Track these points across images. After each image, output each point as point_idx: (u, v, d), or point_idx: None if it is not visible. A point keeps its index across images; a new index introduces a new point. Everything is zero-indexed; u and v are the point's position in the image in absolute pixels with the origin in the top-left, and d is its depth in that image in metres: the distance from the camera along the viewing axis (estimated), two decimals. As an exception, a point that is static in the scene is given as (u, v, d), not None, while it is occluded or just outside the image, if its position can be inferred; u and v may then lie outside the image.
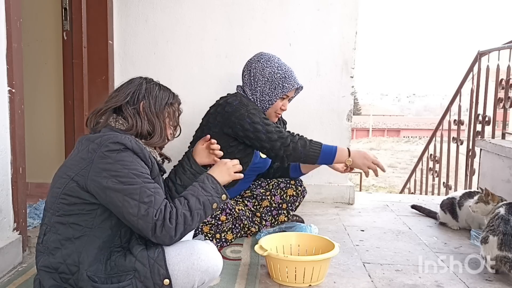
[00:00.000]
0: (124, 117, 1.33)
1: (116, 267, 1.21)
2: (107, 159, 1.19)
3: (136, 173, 1.20)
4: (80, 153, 1.23)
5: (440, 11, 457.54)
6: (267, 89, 2.01)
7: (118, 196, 1.17)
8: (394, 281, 1.67)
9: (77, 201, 1.21)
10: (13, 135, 1.71)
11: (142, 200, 1.18)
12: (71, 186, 1.21)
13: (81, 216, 1.21)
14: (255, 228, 2.07)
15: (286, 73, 2.01)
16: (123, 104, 1.33)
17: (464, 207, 2.22)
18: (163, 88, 1.41)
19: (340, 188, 2.84)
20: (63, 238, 1.21)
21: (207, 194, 1.30)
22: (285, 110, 2.09)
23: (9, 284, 1.57)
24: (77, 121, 2.62)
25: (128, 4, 2.71)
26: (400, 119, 38.01)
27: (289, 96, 2.07)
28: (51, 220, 1.23)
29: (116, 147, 1.20)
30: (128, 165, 1.20)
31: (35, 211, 2.17)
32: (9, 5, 1.67)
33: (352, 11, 2.73)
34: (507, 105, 2.98)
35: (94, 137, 1.24)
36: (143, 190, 1.19)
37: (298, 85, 2.04)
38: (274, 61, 2.03)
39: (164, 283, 1.20)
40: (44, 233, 1.24)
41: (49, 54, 2.66)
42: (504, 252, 1.63)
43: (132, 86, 1.36)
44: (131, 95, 1.34)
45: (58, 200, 1.22)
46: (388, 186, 12.05)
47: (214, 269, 1.29)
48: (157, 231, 1.18)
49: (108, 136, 1.22)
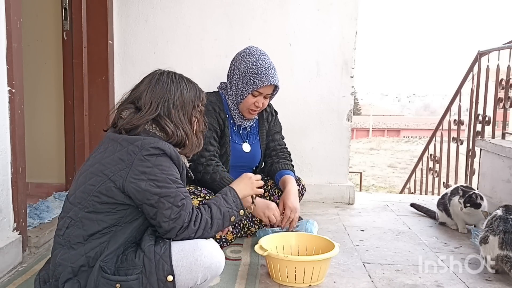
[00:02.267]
0: (162, 127, 1.32)
1: (126, 261, 1.23)
2: (146, 163, 1.22)
3: (172, 178, 1.25)
4: (117, 153, 1.24)
5: (440, 11, 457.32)
6: (240, 83, 2.01)
7: (154, 198, 1.22)
8: (394, 281, 1.67)
9: (110, 200, 1.23)
10: (13, 135, 1.71)
11: (176, 203, 1.23)
12: (107, 186, 1.22)
13: (111, 215, 1.24)
14: (254, 228, 2.07)
15: (260, 69, 1.96)
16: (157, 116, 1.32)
17: (453, 201, 2.25)
18: (189, 88, 1.39)
19: (340, 188, 2.84)
20: (88, 234, 1.23)
21: (228, 206, 1.36)
22: (260, 107, 2.03)
23: (9, 284, 1.57)
24: (77, 121, 2.62)
25: (128, 4, 2.71)
26: (400, 119, 38.04)
27: (263, 94, 2.01)
28: (78, 215, 1.24)
29: (156, 151, 1.24)
30: (166, 170, 1.24)
31: (35, 211, 2.17)
32: (9, 5, 1.67)
33: (352, 11, 2.73)
34: (507, 105, 2.98)
35: (134, 139, 1.26)
36: (178, 194, 1.24)
37: (270, 83, 1.96)
38: (253, 56, 2.00)
39: (167, 279, 1.21)
40: (67, 226, 1.24)
41: (49, 54, 2.66)
42: (505, 251, 1.63)
43: (159, 88, 1.34)
44: (163, 104, 1.32)
45: (91, 197, 1.23)
46: (388, 186, 12.06)
47: (217, 265, 1.30)
48: (181, 231, 1.24)
49: (149, 140, 1.25)
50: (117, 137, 1.29)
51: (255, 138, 2.19)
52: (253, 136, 2.19)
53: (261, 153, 2.21)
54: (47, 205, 2.26)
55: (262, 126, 2.21)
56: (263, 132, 2.21)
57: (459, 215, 2.23)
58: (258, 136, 2.20)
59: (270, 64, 2.01)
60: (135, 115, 1.31)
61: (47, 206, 2.25)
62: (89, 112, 2.65)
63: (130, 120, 1.31)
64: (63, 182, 2.70)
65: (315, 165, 2.83)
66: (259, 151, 2.20)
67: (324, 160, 2.83)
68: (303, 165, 2.79)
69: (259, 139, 2.20)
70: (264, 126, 2.22)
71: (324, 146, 2.82)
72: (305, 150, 2.80)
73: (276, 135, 2.25)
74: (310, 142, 2.82)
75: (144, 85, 1.36)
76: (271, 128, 2.25)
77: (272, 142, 2.23)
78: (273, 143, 2.23)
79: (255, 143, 2.18)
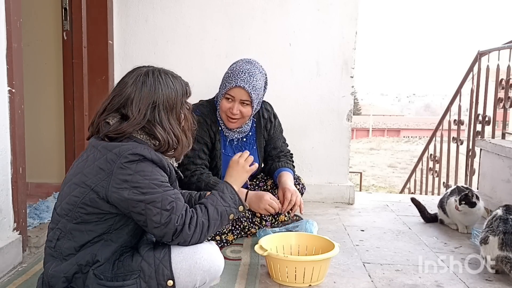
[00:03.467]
0: (151, 135, 1.26)
1: (123, 267, 1.22)
2: (127, 170, 1.18)
3: (156, 183, 1.20)
4: (97, 161, 1.20)
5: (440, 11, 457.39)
6: (220, 88, 2.01)
7: (140, 205, 1.18)
8: (394, 281, 1.67)
9: (96, 211, 1.21)
10: (13, 135, 1.71)
11: (164, 207, 1.19)
12: (91, 197, 1.20)
13: (99, 224, 1.22)
14: (254, 229, 2.07)
15: (233, 72, 1.93)
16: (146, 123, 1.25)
17: (449, 201, 2.25)
18: (176, 85, 1.31)
19: (340, 188, 2.84)
20: (78, 245, 1.22)
21: (225, 205, 1.32)
22: (235, 114, 1.94)
23: (9, 284, 1.57)
24: (77, 121, 2.62)
25: (128, 4, 2.71)
26: (400, 119, 38.01)
27: (235, 98, 1.92)
28: (67, 227, 1.22)
29: (135, 158, 1.19)
30: (148, 175, 1.19)
31: (35, 211, 2.17)
32: (9, 5, 1.67)
33: (352, 11, 2.73)
34: (507, 105, 2.98)
35: (112, 146, 1.21)
36: (165, 198, 1.20)
37: (236, 84, 1.89)
38: (237, 63, 1.99)
39: (167, 284, 1.21)
40: (58, 238, 1.23)
41: (49, 54, 2.66)
42: (505, 252, 1.63)
43: (146, 92, 1.25)
44: (152, 109, 1.25)
45: (77, 209, 1.21)
46: (388, 186, 12.05)
47: (216, 269, 1.29)
48: (176, 236, 1.21)
49: (127, 147, 1.20)
50: (97, 144, 1.24)
51: (251, 148, 2.13)
52: (250, 145, 2.13)
53: (259, 162, 2.14)
54: (47, 205, 2.26)
55: (259, 135, 2.15)
56: (261, 141, 2.16)
57: (454, 215, 2.24)
58: (256, 145, 2.15)
59: (249, 69, 1.92)
60: (123, 123, 1.23)
61: (47, 206, 2.25)
62: (89, 112, 2.64)
63: (116, 128, 1.23)
64: (63, 182, 2.69)
65: (315, 165, 2.83)
66: (257, 160, 2.12)
67: (324, 160, 2.83)
68: (303, 165, 2.79)
69: (257, 148, 2.14)
70: (262, 134, 2.16)
71: (324, 146, 2.82)
72: (305, 150, 2.80)
73: (277, 142, 2.20)
74: (310, 142, 2.81)
75: (130, 88, 1.26)
76: (272, 136, 2.19)
77: (274, 150, 2.19)
78: (275, 150, 2.19)
79: (251, 153, 2.11)
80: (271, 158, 2.20)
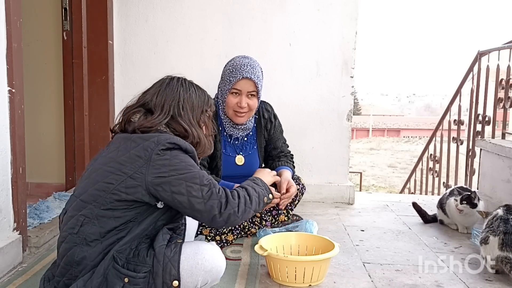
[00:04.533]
0: (174, 129, 1.36)
1: (137, 257, 1.23)
2: (164, 156, 1.25)
3: (191, 164, 1.29)
4: (133, 150, 1.26)
5: (440, 11, 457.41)
6: (222, 86, 2.01)
7: (181, 184, 1.24)
8: (394, 281, 1.67)
9: (129, 198, 1.23)
10: (13, 135, 1.71)
11: (203, 183, 1.26)
12: (128, 183, 1.23)
13: (127, 211, 1.24)
14: (255, 229, 2.07)
15: (235, 67, 1.95)
16: (170, 119, 1.36)
17: (449, 201, 2.25)
18: (198, 93, 1.43)
19: (340, 188, 2.84)
20: (105, 230, 1.23)
21: (261, 188, 1.44)
22: (244, 107, 1.96)
23: (9, 284, 1.56)
24: (77, 121, 2.62)
25: (128, 4, 2.71)
26: (400, 119, 38.02)
27: (242, 91, 1.95)
28: (94, 212, 1.23)
29: (171, 146, 1.27)
30: (184, 159, 1.28)
31: (35, 211, 2.17)
32: (9, 5, 1.67)
33: (352, 11, 2.73)
34: (507, 105, 2.98)
35: (149, 136, 1.28)
36: (202, 174, 1.28)
37: (242, 76, 1.91)
38: (234, 59, 2.01)
39: (173, 284, 1.21)
40: (81, 224, 1.23)
41: (49, 54, 2.66)
42: (505, 252, 1.63)
43: (169, 91, 1.38)
44: (175, 105, 1.36)
45: (109, 195, 1.23)
46: (388, 186, 12.05)
47: (218, 269, 1.29)
48: (223, 208, 1.26)
49: (164, 136, 1.28)
50: (130, 136, 1.31)
51: (252, 147, 2.14)
52: (250, 145, 2.14)
53: (259, 162, 2.16)
54: (47, 205, 2.26)
55: (260, 135, 2.16)
56: (261, 141, 2.16)
57: (454, 215, 2.24)
58: (256, 144, 2.15)
59: (249, 63, 1.96)
60: (147, 118, 1.33)
61: (47, 206, 2.25)
62: (89, 112, 2.65)
63: (142, 122, 1.32)
64: (63, 182, 2.70)
65: (315, 165, 2.83)
66: (257, 160, 2.15)
67: (324, 160, 2.83)
68: (303, 165, 2.79)
69: (257, 148, 2.15)
70: (263, 134, 2.16)
71: (324, 146, 2.82)
72: (305, 150, 2.80)
73: (278, 142, 2.21)
74: (310, 142, 2.82)
75: (154, 89, 1.39)
76: (272, 136, 2.20)
77: (275, 150, 2.20)
78: (275, 151, 2.20)
79: (251, 153, 2.14)
80: (271, 158, 2.20)
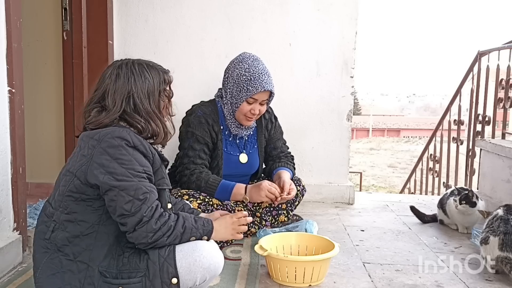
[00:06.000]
0: (131, 124, 1.29)
1: (128, 264, 1.22)
2: (105, 156, 1.20)
3: (132, 172, 1.21)
4: (81, 150, 1.24)
5: (440, 11, 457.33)
6: (234, 91, 1.99)
7: (113, 191, 1.18)
8: (394, 281, 1.67)
9: (83, 197, 1.22)
10: (13, 135, 1.71)
11: (137, 197, 1.19)
12: (75, 183, 1.22)
13: (89, 214, 1.22)
14: (255, 229, 2.07)
15: (252, 75, 1.94)
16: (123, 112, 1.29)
17: (449, 201, 2.25)
18: (152, 74, 1.33)
19: (340, 188, 2.84)
20: (71, 235, 1.22)
21: (194, 226, 1.29)
22: (256, 114, 2.00)
23: (9, 284, 1.57)
24: (77, 121, 2.61)
25: (128, 4, 2.70)
26: (400, 119, 38.00)
27: (258, 100, 1.97)
28: (60, 218, 1.23)
29: (115, 142, 1.21)
30: (126, 164, 1.20)
31: (35, 211, 2.17)
32: (9, 5, 1.67)
33: (352, 11, 2.73)
34: (507, 105, 2.98)
35: (94, 133, 1.25)
36: (139, 187, 1.20)
37: (263, 89, 1.93)
38: (246, 62, 1.98)
39: (172, 282, 1.21)
40: (52, 230, 1.23)
41: (49, 54, 2.66)
42: (505, 252, 1.63)
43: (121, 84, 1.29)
44: (127, 100, 1.29)
45: (65, 198, 1.23)
46: (388, 186, 12.05)
47: (216, 266, 1.29)
48: (140, 226, 1.19)
49: (106, 131, 1.23)
50: (83, 135, 1.28)
51: (252, 146, 2.16)
52: (251, 144, 2.16)
53: (259, 161, 2.19)
54: (47, 205, 2.26)
55: (260, 134, 2.18)
56: (262, 140, 2.18)
57: (454, 215, 2.24)
58: (257, 144, 2.17)
59: (264, 69, 1.98)
60: (101, 114, 1.28)
61: (47, 206, 2.25)
62: (89, 112, 2.64)
63: (96, 119, 1.28)
64: (63, 182, 2.69)
65: (315, 165, 2.83)
66: (257, 159, 2.18)
67: (324, 160, 2.83)
68: (303, 165, 2.79)
69: (257, 147, 2.17)
70: (263, 133, 2.18)
71: (324, 146, 2.82)
72: (305, 150, 2.80)
73: (277, 142, 2.23)
74: (310, 142, 2.81)
75: (105, 82, 1.30)
76: (272, 136, 2.22)
77: (275, 150, 2.22)
78: (275, 151, 2.22)
79: (252, 152, 2.16)
80: (271, 159, 2.21)
